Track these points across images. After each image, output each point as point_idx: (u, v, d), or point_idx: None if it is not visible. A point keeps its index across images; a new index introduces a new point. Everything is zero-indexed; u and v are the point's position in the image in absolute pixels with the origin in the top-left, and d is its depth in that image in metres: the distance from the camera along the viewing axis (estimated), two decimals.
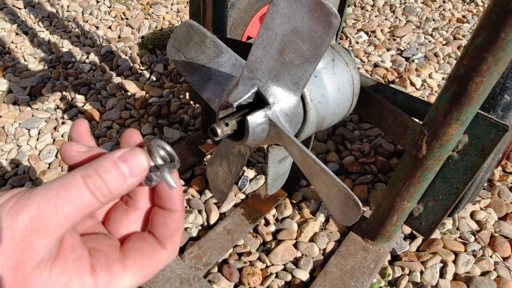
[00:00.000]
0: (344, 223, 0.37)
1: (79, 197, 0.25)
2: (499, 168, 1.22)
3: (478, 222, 1.06)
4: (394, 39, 1.89)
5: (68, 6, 2.00)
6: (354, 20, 2.06)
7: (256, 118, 0.42)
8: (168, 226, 0.31)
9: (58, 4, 2.00)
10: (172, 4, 2.11)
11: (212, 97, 0.49)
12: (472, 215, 1.08)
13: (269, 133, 0.44)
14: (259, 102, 0.44)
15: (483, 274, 0.94)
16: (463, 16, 2.14)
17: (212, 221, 1.02)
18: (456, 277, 0.93)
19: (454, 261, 0.96)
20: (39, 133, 1.30)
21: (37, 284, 0.24)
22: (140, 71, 1.61)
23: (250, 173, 1.16)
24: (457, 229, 1.04)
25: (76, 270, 0.26)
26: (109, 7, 2.04)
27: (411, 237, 1.02)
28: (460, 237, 1.02)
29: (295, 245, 0.98)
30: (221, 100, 0.48)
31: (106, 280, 0.27)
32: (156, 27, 1.92)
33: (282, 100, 0.44)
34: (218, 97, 0.49)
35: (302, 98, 0.53)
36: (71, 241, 0.27)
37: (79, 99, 1.43)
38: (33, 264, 0.24)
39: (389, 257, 0.97)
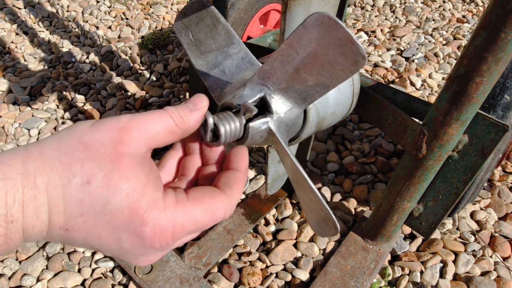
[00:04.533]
0: (317, 234, 0.39)
1: (164, 120, 0.33)
2: (499, 168, 1.22)
3: (478, 222, 1.06)
4: (394, 39, 1.89)
5: (68, 6, 2.00)
6: (354, 20, 2.06)
7: (257, 125, 0.42)
8: (229, 179, 0.35)
9: (58, 4, 2.00)
10: (172, 4, 2.11)
11: (214, 86, 0.48)
12: (472, 215, 1.08)
13: (267, 140, 0.44)
14: (262, 108, 0.43)
15: (483, 274, 0.94)
16: (463, 16, 2.14)
17: None
18: (456, 277, 0.93)
19: (454, 261, 0.96)
20: (39, 133, 1.30)
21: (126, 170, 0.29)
22: (140, 71, 1.61)
23: (250, 173, 1.16)
24: (457, 229, 1.04)
25: (153, 182, 0.30)
26: (109, 7, 2.04)
27: (411, 237, 1.02)
28: (460, 237, 1.02)
29: (295, 245, 0.98)
30: (223, 93, 0.47)
31: (172, 200, 0.31)
32: (156, 27, 1.92)
33: (285, 111, 0.44)
34: (220, 87, 0.48)
35: None
36: (155, 169, 0.33)
37: (79, 99, 1.43)
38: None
39: (389, 257, 0.97)
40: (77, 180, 0.27)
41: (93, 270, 0.91)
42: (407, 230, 1.02)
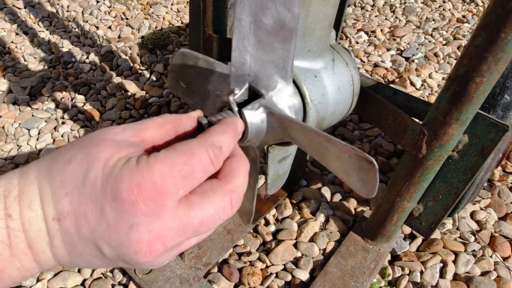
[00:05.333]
0: (369, 194, 0.36)
1: (154, 118, 0.33)
2: (499, 168, 1.22)
3: (478, 222, 1.06)
4: (394, 39, 1.89)
5: (68, 6, 2.00)
6: (354, 20, 2.06)
7: (251, 108, 0.42)
8: (223, 167, 0.33)
9: (58, 4, 2.00)
10: (172, 4, 2.11)
11: (213, 110, 0.49)
12: (472, 215, 1.08)
13: (270, 124, 0.43)
14: (254, 98, 0.44)
15: (483, 274, 0.94)
16: (463, 16, 2.14)
17: None
18: (456, 277, 0.93)
19: (454, 261, 0.96)
20: (39, 133, 1.30)
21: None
22: (140, 71, 1.61)
23: None
24: (457, 229, 1.04)
25: (135, 154, 0.30)
26: (109, 7, 2.04)
27: (411, 237, 1.02)
28: (460, 237, 1.02)
29: (295, 245, 0.98)
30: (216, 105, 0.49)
31: (145, 156, 0.29)
32: (156, 27, 1.92)
33: (275, 89, 0.44)
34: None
35: (302, 98, 0.53)
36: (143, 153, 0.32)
37: (79, 99, 1.43)
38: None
39: (389, 257, 0.97)
40: (60, 163, 0.28)
41: (93, 270, 0.91)
42: (407, 230, 1.02)
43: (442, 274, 0.94)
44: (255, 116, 0.42)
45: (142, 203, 0.26)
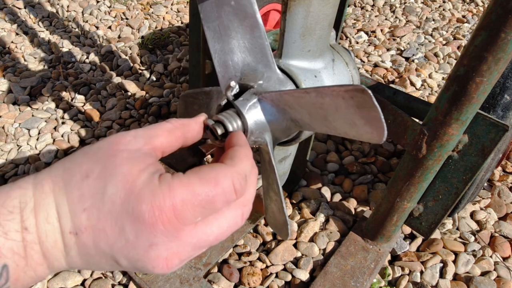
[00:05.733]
0: (381, 133, 0.34)
1: (162, 124, 0.34)
2: (499, 168, 1.22)
3: (478, 222, 1.06)
4: (394, 39, 1.89)
5: (68, 6, 2.00)
6: (354, 20, 2.06)
7: (243, 99, 0.42)
8: (228, 153, 0.34)
9: (58, 4, 2.00)
10: (172, 4, 2.11)
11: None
12: (472, 215, 1.08)
13: (267, 111, 0.43)
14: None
15: (483, 274, 0.94)
16: (463, 16, 2.14)
17: None
18: (456, 277, 0.93)
19: (454, 261, 0.96)
20: (39, 133, 1.30)
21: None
22: (140, 71, 1.61)
23: None
24: (457, 229, 1.04)
25: (152, 169, 0.30)
26: (109, 7, 2.04)
27: (411, 237, 1.02)
28: (460, 237, 1.02)
29: (295, 245, 0.98)
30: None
31: (168, 176, 0.29)
32: (156, 27, 1.92)
33: (262, 78, 0.45)
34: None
35: None
36: (159, 166, 0.32)
37: (79, 99, 1.43)
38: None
39: (389, 257, 0.97)
40: (77, 177, 0.28)
41: (93, 270, 0.91)
42: (407, 230, 1.02)
43: (442, 274, 0.94)
44: (249, 105, 0.42)
45: (161, 225, 0.27)
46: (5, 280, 0.26)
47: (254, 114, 0.42)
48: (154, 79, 1.57)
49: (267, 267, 0.93)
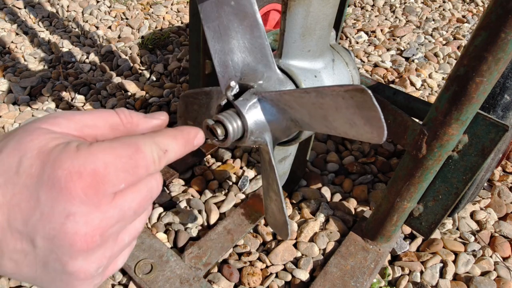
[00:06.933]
0: (381, 132, 0.34)
1: (108, 114, 0.30)
2: (499, 168, 1.22)
3: (478, 222, 1.06)
4: (394, 39, 1.89)
5: (68, 6, 2.00)
6: (354, 20, 2.06)
7: (243, 99, 0.42)
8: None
9: (58, 4, 2.00)
10: (172, 4, 2.11)
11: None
12: (472, 215, 1.08)
13: (267, 111, 0.43)
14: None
15: (483, 274, 0.94)
16: (463, 16, 2.14)
17: (212, 221, 1.02)
18: (456, 277, 0.93)
19: (454, 261, 0.96)
20: None
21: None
22: (140, 71, 1.61)
23: (250, 173, 1.16)
24: (457, 229, 1.04)
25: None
26: (109, 7, 2.04)
27: (411, 237, 1.02)
28: (460, 237, 1.02)
29: (295, 245, 0.98)
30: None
31: (87, 143, 0.27)
32: (156, 27, 1.92)
33: (262, 78, 0.45)
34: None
35: None
36: None
37: (79, 99, 1.43)
38: None
39: (389, 257, 0.97)
40: None
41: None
42: (407, 230, 1.02)
43: (442, 274, 0.94)
44: (249, 105, 0.42)
45: (81, 191, 0.24)
46: None
47: (254, 114, 0.42)
48: (154, 79, 1.57)
49: (267, 267, 0.93)
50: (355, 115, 0.35)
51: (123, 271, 0.90)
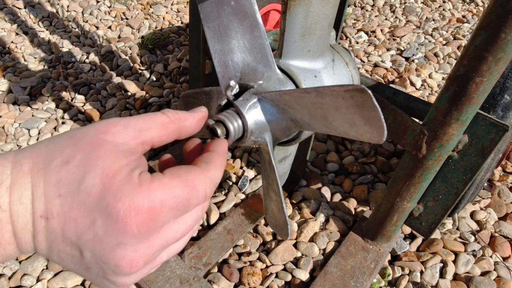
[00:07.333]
0: (381, 133, 0.33)
1: (157, 116, 0.33)
2: (499, 168, 1.22)
3: (478, 222, 1.06)
4: (394, 39, 1.89)
5: (68, 6, 2.00)
6: (354, 20, 2.06)
7: (242, 99, 0.42)
8: (204, 157, 0.34)
9: (58, 4, 2.00)
10: (172, 4, 2.11)
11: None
12: (472, 215, 1.08)
13: (267, 110, 0.43)
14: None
15: (483, 274, 0.94)
16: (463, 16, 2.14)
17: (212, 221, 1.02)
18: (456, 277, 0.93)
19: (454, 261, 0.96)
20: (39, 133, 1.30)
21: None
22: (140, 71, 1.61)
23: (250, 173, 1.16)
24: (457, 229, 1.04)
25: (134, 166, 0.30)
26: (109, 7, 2.04)
27: (411, 237, 1.02)
28: (460, 237, 1.02)
29: (295, 245, 0.98)
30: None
31: (148, 176, 0.29)
32: (156, 27, 1.92)
33: (262, 78, 0.45)
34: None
35: None
36: (143, 162, 0.32)
37: (79, 99, 1.43)
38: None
39: (389, 257, 0.97)
40: (57, 161, 0.28)
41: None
42: (407, 230, 1.02)
43: (442, 274, 0.94)
44: (249, 105, 0.42)
45: (135, 227, 0.27)
46: None
47: (254, 114, 0.42)
48: (154, 79, 1.57)
49: (267, 267, 0.93)
50: (355, 115, 0.35)
51: None
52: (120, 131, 0.30)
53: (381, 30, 1.95)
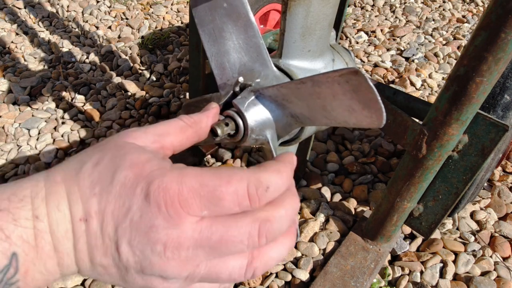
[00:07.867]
0: (379, 116, 0.33)
1: (173, 121, 0.35)
2: (499, 168, 1.22)
3: (478, 222, 1.06)
4: (394, 39, 1.89)
5: (68, 6, 2.00)
6: (354, 20, 2.06)
7: (241, 97, 0.42)
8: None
9: (58, 4, 2.00)
10: (172, 4, 2.11)
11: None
12: (472, 215, 1.08)
13: (267, 107, 0.43)
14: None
15: (483, 274, 0.94)
16: (463, 16, 2.14)
17: None
18: (456, 277, 0.93)
19: (454, 261, 0.96)
20: (39, 133, 1.30)
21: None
22: (140, 71, 1.61)
23: None
24: (457, 229, 1.04)
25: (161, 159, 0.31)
26: (109, 7, 2.04)
27: (411, 237, 1.02)
28: (460, 237, 1.02)
29: (295, 245, 0.98)
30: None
31: (181, 165, 0.30)
32: (156, 27, 1.92)
33: (260, 76, 0.45)
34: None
35: None
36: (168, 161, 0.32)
37: (79, 99, 1.43)
38: None
39: (389, 257, 0.97)
40: (88, 165, 0.29)
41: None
42: (407, 230, 1.02)
43: (442, 274, 0.94)
44: (248, 102, 0.42)
45: (164, 207, 0.26)
46: (14, 270, 0.25)
47: (254, 111, 0.42)
48: (154, 79, 1.57)
49: None
50: (353, 100, 0.34)
51: None
52: (141, 136, 0.32)
53: (381, 30, 1.95)
